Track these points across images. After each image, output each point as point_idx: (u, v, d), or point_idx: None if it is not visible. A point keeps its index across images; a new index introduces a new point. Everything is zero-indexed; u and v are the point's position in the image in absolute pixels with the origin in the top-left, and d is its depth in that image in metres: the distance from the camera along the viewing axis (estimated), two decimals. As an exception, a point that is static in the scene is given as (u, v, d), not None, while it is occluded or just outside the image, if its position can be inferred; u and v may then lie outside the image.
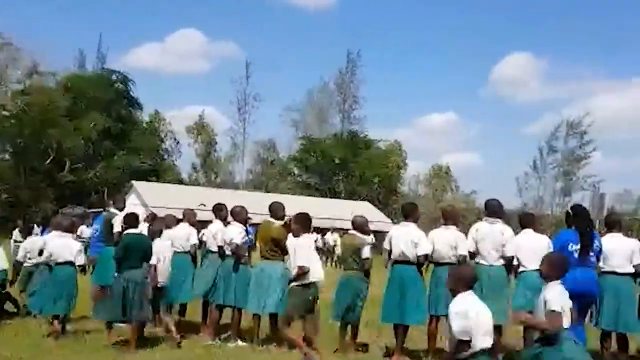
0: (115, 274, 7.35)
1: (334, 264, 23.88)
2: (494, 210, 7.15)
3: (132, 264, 7.20)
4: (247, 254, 8.09)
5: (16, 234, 13.76)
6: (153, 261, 7.40)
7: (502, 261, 6.92)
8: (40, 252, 8.49)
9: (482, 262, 6.93)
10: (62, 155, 46.58)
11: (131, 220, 7.57)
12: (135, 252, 7.25)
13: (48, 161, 45.95)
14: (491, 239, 6.92)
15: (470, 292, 4.58)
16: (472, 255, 7.01)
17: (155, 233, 7.85)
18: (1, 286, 9.02)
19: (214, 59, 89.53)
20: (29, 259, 9.13)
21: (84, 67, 54.76)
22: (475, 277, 4.81)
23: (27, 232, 10.71)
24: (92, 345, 7.28)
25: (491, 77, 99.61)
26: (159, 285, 7.57)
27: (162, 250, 7.66)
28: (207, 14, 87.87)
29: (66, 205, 35.47)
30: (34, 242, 9.43)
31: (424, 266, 7.23)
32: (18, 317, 8.90)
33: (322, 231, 25.28)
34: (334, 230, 26.59)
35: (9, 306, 9.20)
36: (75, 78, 50.25)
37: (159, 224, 8.43)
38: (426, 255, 7.03)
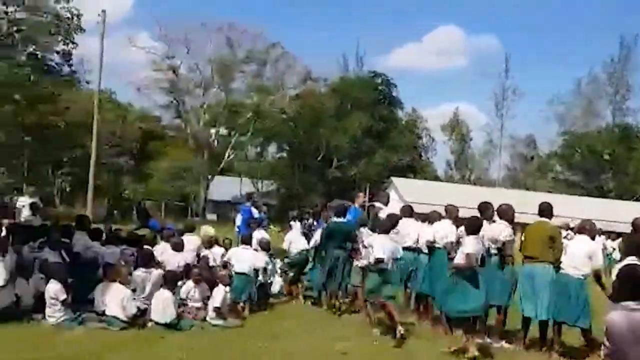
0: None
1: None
2: None
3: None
4: (510, 254, 7.74)
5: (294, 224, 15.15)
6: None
7: None
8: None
9: None
10: (330, 153, 50.60)
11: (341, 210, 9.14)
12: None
13: (318, 158, 50.31)
14: None
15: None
16: None
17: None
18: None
19: (472, 54, 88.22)
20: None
21: (347, 70, 58.44)
22: None
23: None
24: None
25: None
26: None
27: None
28: (466, 8, 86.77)
29: (332, 199, 38.51)
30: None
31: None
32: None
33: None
34: (602, 233, 23.76)
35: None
36: (342, 82, 53.92)
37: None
38: None
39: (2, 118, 36.94)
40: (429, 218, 8.80)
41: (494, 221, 7.50)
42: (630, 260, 4.80)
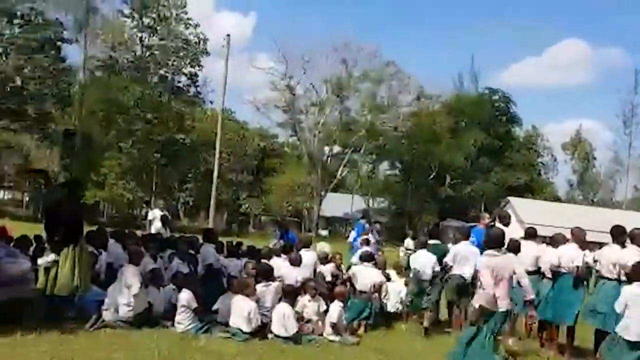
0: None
1: None
2: None
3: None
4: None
5: (408, 242, 15.04)
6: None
7: None
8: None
9: None
10: (443, 171, 49.77)
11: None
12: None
13: (431, 176, 49.65)
14: None
15: None
16: None
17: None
18: None
19: (598, 69, 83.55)
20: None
21: (462, 87, 57.34)
22: None
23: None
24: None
25: None
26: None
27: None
28: (593, 22, 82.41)
29: (446, 217, 37.77)
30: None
31: None
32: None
33: None
34: None
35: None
36: (457, 99, 52.99)
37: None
38: None
39: (136, 136, 40.00)
40: (552, 241, 8.42)
41: (625, 246, 7.12)
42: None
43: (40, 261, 6.94)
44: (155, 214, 13.19)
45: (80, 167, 37.90)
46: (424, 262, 8.82)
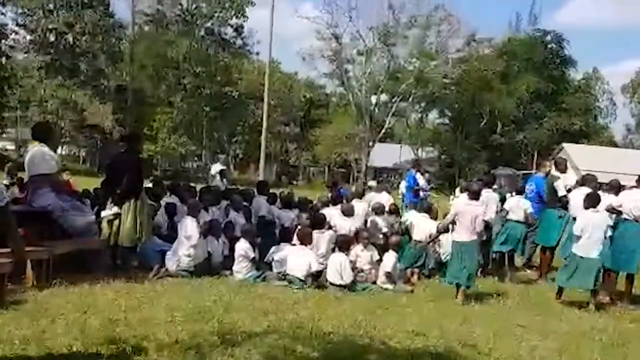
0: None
1: None
2: None
3: None
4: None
5: (458, 192, 14.88)
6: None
7: None
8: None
9: None
10: (494, 118, 48.60)
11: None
12: None
13: (482, 124, 48.61)
14: None
15: None
16: None
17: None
18: None
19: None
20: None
21: (519, 30, 55.15)
22: None
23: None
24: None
25: None
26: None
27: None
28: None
29: (497, 166, 37.14)
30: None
31: None
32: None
33: None
34: None
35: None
36: (509, 42, 51.18)
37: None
38: None
39: (186, 90, 40.52)
40: (610, 187, 8.20)
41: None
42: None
43: (103, 213, 7.24)
44: (216, 168, 13.47)
45: (132, 122, 38.81)
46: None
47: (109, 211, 7.13)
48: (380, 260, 7.93)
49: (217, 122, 43.10)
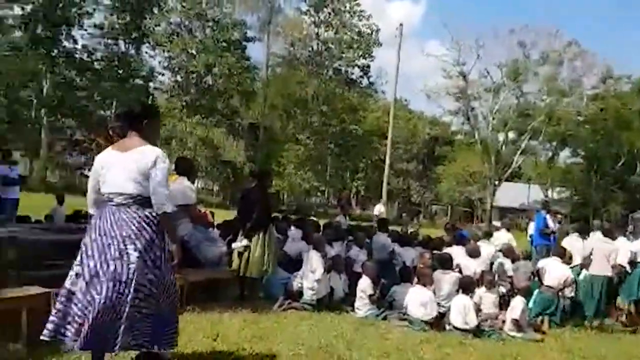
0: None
1: None
2: None
3: None
4: None
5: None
6: None
7: None
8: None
9: None
10: (633, 158, 45.30)
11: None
12: None
13: (619, 164, 45.49)
14: None
15: None
16: None
17: None
18: None
19: None
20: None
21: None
22: None
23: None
24: None
25: None
26: None
27: None
28: None
29: (636, 209, 34.40)
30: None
31: None
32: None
33: None
34: None
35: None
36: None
37: None
38: None
39: (312, 128, 41.97)
40: None
41: None
42: None
43: (234, 245, 7.63)
44: (380, 209, 13.61)
45: (262, 158, 40.66)
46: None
47: (239, 243, 7.50)
48: (507, 305, 7.63)
49: (341, 159, 43.96)
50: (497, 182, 43.60)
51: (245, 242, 7.42)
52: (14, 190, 11.04)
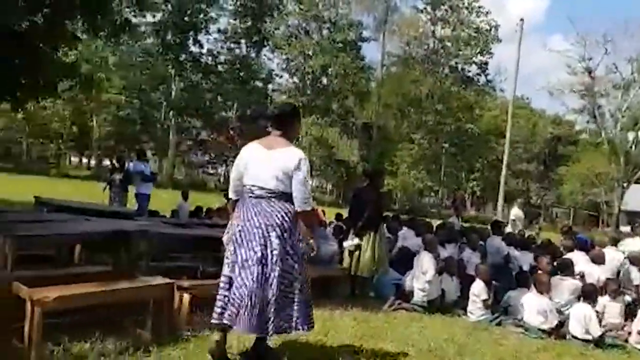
0: None
1: None
2: None
3: None
4: None
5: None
6: None
7: None
8: None
9: None
10: None
11: None
12: None
13: None
14: None
15: None
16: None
17: None
18: None
19: None
20: None
21: None
22: None
23: None
24: None
25: None
26: None
27: None
28: None
29: None
30: None
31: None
32: None
33: None
34: None
35: None
36: None
37: None
38: None
39: (427, 127, 41.48)
40: None
41: None
42: None
43: (345, 244, 7.75)
44: (516, 213, 13.18)
45: (376, 157, 40.78)
46: None
47: (350, 242, 7.60)
48: (634, 316, 7.13)
49: (456, 159, 43.08)
50: (625, 185, 40.65)
51: (356, 240, 7.51)
52: (147, 186, 12.02)
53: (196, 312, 5.18)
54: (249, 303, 4.01)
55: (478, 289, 7.34)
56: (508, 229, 11.94)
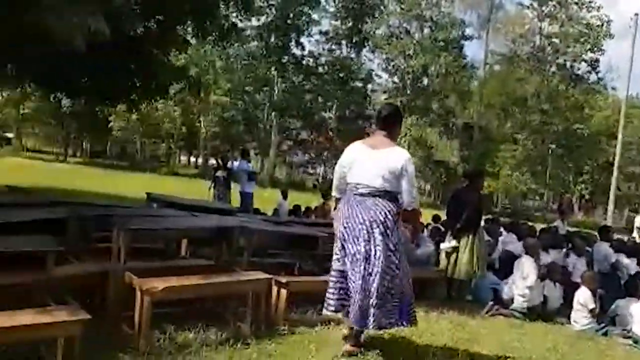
0: None
1: None
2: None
3: None
4: None
5: None
6: None
7: None
8: None
9: None
10: None
11: None
12: None
13: None
14: None
15: None
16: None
17: None
18: None
19: None
20: None
21: None
22: None
23: None
24: None
25: None
26: None
27: None
28: None
29: None
30: None
31: None
32: None
33: None
34: None
35: None
36: None
37: None
38: None
39: (531, 127, 39.89)
40: None
41: None
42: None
43: (442, 246, 7.66)
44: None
45: (476, 158, 39.75)
46: None
47: (447, 244, 7.51)
48: None
49: (563, 160, 41.13)
50: None
51: (453, 242, 7.41)
52: (251, 185, 12.54)
53: (293, 308, 5.33)
54: (356, 297, 4.15)
55: (584, 297, 7.01)
56: (634, 236, 11.28)
